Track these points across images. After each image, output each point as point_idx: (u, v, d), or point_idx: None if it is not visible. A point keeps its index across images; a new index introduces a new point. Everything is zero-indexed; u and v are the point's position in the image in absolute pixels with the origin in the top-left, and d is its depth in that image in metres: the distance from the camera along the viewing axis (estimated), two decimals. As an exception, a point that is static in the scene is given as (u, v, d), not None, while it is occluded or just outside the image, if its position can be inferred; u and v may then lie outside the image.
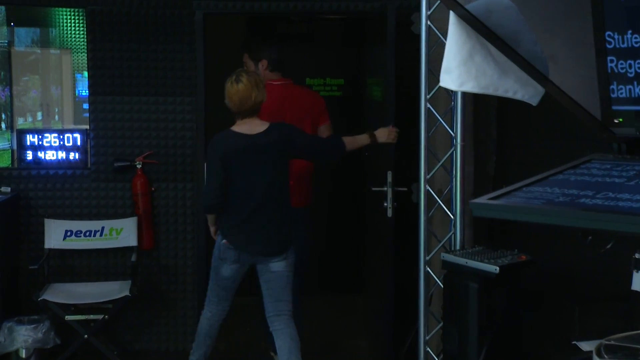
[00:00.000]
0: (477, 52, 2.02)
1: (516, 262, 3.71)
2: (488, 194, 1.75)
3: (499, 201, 1.69)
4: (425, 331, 4.10)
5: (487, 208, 1.67)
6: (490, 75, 2.04)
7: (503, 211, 1.66)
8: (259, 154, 3.84)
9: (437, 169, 4.11)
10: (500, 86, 2.09)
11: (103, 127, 4.76)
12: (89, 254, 4.79)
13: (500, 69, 2.04)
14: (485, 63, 2.02)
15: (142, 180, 4.73)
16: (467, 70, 2.03)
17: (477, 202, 1.71)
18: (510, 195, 1.74)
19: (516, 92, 2.12)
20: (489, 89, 2.09)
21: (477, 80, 2.05)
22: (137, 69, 4.75)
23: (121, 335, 4.84)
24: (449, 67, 2.03)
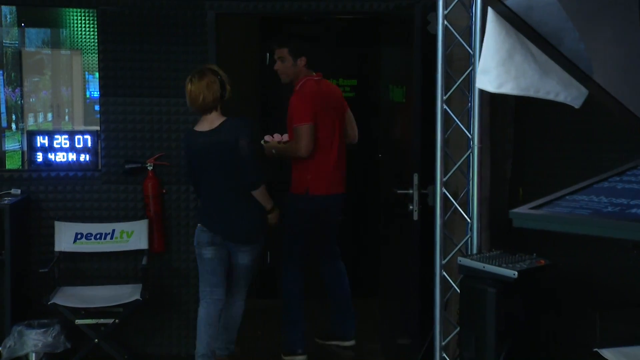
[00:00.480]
0: (516, 52, 1.91)
1: (535, 267, 3.63)
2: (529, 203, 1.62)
3: (542, 211, 1.57)
4: (440, 337, 4.01)
5: (529, 218, 1.55)
6: (531, 76, 1.93)
7: (547, 222, 1.54)
8: (211, 149, 4.16)
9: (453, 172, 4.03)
10: (542, 87, 1.97)
11: (114, 128, 4.71)
12: (99, 257, 4.74)
13: (542, 70, 1.93)
14: (525, 63, 1.91)
15: (153, 182, 4.68)
16: (506, 70, 1.92)
17: (518, 212, 1.59)
18: (553, 205, 1.62)
19: (558, 94, 2.00)
20: (530, 90, 1.98)
21: (516, 81, 1.94)
22: (148, 70, 4.70)
23: (132, 340, 4.79)
24: (487, 68, 1.92)
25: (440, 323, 3.99)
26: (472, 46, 3.93)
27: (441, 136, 3.97)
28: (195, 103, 4.17)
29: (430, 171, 4.07)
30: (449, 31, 3.94)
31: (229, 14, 4.77)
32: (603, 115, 4.19)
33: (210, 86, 4.14)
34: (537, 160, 4.42)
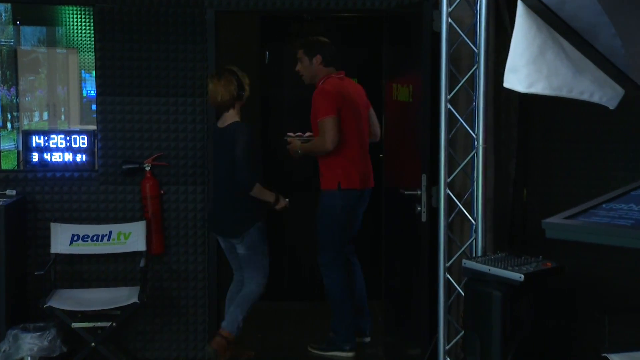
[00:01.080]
0: (548, 48, 1.78)
1: (541, 270, 3.56)
2: (562, 212, 1.50)
3: (577, 221, 1.45)
4: (445, 340, 3.95)
5: (564, 229, 1.43)
6: (564, 75, 1.81)
7: (585, 233, 1.41)
8: (219, 145, 4.56)
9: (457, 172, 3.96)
10: (575, 87, 1.84)
11: (111, 128, 4.64)
12: (96, 259, 4.66)
13: (575, 67, 1.80)
14: (558, 60, 1.78)
15: (152, 183, 4.61)
16: (537, 69, 1.79)
17: (552, 222, 1.47)
18: (589, 214, 1.49)
19: (593, 94, 1.87)
20: (562, 90, 1.85)
21: (548, 80, 1.81)
22: (146, 68, 4.62)
23: (130, 343, 4.71)
24: (516, 66, 1.79)
25: (444, 326, 3.93)
26: (477, 44, 3.86)
27: (445, 136, 3.90)
28: (213, 101, 4.51)
29: (434, 172, 4.01)
30: (453, 29, 3.87)
31: (228, 12, 4.69)
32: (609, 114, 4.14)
33: (227, 86, 4.44)
34: (541, 160, 4.35)
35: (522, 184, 4.38)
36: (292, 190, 5.07)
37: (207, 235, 4.68)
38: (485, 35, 3.83)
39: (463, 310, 3.81)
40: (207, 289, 4.70)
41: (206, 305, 4.71)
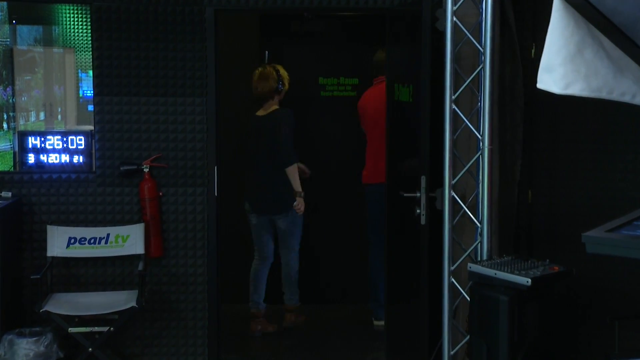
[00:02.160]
0: (587, 46, 1.66)
1: (549, 274, 3.49)
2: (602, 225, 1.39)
3: (621, 235, 1.33)
4: (449, 346, 3.88)
5: (607, 244, 1.31)
6: (604, 75, 1.68)
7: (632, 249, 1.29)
8: (258, 131, 5.23)
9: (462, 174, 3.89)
10: (616, 88, 1.71)
11: (109, 129, 4.56)
12: (93, 263, 4.58)
13: (615, 67, 1.68)
14: (597, 59, 1.66)
15: (150, 184, 4.53)
16: (575, 68, 1.67)
17: (593, 235, 1.34)
18: (632, 227, 1.37)
19: (635, 95, 1.74)
20: (602, 91, 1.72)
21: (587, 80, 1.68)
22: (145, 68, 4.54)
23: (128, 349, 4.63)
24: (551, 65, 1.67)
25: (448, 331, 3.85)
26: (482, 44, 3.79)
27: (450, 137, 3.83)
28: (255, 91, 5.23)
29: (437, 173, 3.93)
30: (458, 28, 3.80)
31: (228, 11, 4.62)
32: (615, 115, 4.07)
33: (268, 78, 5.18)
34: (547, 162, 4.28)
35: (527, 185, 4.31)
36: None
37: (206, 238, 4.60)
38: (491, 34, 3.76)
39: (468, 314, 3.73)
40: (207, 292, 4.62)
41: (206, 309, 4.63)
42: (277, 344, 5.23)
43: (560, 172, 4.25)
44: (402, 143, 4.61)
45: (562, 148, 4.24)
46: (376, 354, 4.98)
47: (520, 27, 4.17)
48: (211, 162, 4.58)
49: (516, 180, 4.27)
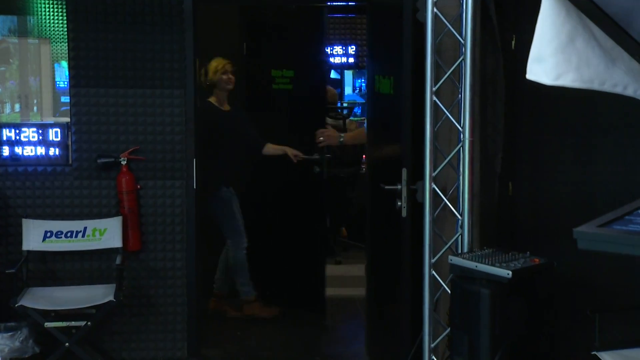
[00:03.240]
0: (579, 36, 1.60)
1: (530, 266, 3.48)
2: (594, 220, 1.33)
3: (613, 230, 1.28)
4: (430, 338, 3.86)
5: (600, 240, 1.26)
6: (596, 65, 1.62)
7: (626, 245, 1.25)
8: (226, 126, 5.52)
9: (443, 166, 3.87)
10: (607, 79, 1.65)
11: (85, 121, 4.49)
12: (70, 256, 4.52)
13: (607, 57, 1.62)
14: (589, 49, 1.60)
15: (128, 177, 4.47)
16: (566, 58, 1.61)
17: (585, 231, 1.29)
18: (625, 221, 1.32)
19: (627, 87, 1.68)
20: (594, 82, 1.66)
21: (578, 71, 1.62)
22: (122, 59, 4.47)
23: (106, 343, 4.58)
24: (542, 55, 1.60)
25: (429, 324, 3.84)
26: (463, 35, 3.77)
27: (430, 129, 3.81)
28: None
29: (418, 166, 3.91)
30: (439, 19, 3.78)
31: (206, 1, 4.56)
32: (596, 107, 4.06)
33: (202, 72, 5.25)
34: (528, 154, 4.27)
35: (508, 177, 4.29)
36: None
37: (185, 231, 4.55)
38: (472, 26, 3.74)
39: (449, 307, 3.72)
40: (186, 286, 4.57)
41: (185, 303, 4.58)
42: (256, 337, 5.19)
43: (541, 164, 4.24)
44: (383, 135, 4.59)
45: (543, 140, 4.23)
46: (357, 348, 4.96)
47: (501, 18, 4.15)
48: (190, 154, 4.52)
49: (497, 172, 4.25)
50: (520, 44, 4.18)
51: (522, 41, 4.17)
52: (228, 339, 5.14)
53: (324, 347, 5.06)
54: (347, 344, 5.08)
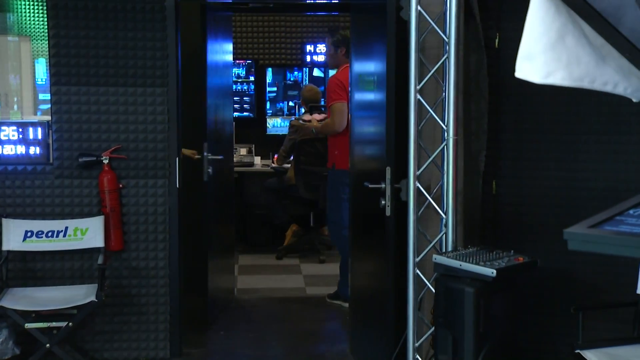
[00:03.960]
0: (568, 33, 1.55)
1: (514, 265, 3.48)
2: (584, 221, 1.30)
3: (604, 230, 1.25)
4: (414, 337, 3.85)
5: (590, 240, 1.22)
6: (586, 63, 1.58)
7: (617, 245, 1.21)
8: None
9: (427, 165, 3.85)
10: (598, 77, 1.60)
11: (67, 119, 4.44)
12: (51, 256, 4.47)
13: (597, 55, 1.58)
14: (579, 47, 1.56)
15: (110, 176, 4.42)
16: (555, 56, 1.56)
17: (574, 232, 1.25)
18: (615, 222, 1.29)
19: (617, 85, 1.64)
20: (584, 81, 1.61)
21: (568, 69, 1.57)
22: (103, 57, 4.43)
23: (87, 344, 4.53)
24: (531, 53, 1.55)
25: (414, 323, 3.83)
26: (447, 33, 3.76)
27: (414, 128, 3.80)
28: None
29: (401, 164, 3.90)
30: (423, 17, 3.76)
31: None
32: (578, 105, 4.07)
33: None
34: (512, 152, 4.27)
35: (492, 176, 4.29)
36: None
37: (168, 230, 4.51)
38: (455, 24, 3.73)
39: (433, 306, 3.71)
40: (169, 286, 4.54)
41: (168, 303, 4.55)
42: (239, 337, 5.16)
43: (524, 162, 4.24)
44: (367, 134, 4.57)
45: (527, 138, 4.23)
46: (341, 347, 4.94)
47: (485, 16, 4.14)
48: (172, 153, 4.48)
49: (481, 170, 4.25)
50: (504, 42, 4.18)
51: (505, 39, 4.17)
52: (211, 339, 5.10)
53: (308, 347, 5.03)
54: (330, 343, 5.06)
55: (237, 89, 8.03)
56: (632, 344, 3.50)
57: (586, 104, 4.05)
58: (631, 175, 3.93)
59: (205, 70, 5.15)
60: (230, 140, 6.00)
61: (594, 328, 3.74)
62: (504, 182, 4.29)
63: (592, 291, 3.93)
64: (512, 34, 4.15)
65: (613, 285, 3.90)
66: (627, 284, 3.77)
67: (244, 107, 8.19)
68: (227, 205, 5.89)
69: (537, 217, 4.18)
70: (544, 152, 4.19)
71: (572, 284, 4.01)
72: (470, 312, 3.35)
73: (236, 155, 7.32)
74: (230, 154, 6.07)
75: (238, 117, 7.76)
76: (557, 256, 4.05)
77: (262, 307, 5.82)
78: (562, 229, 4.05)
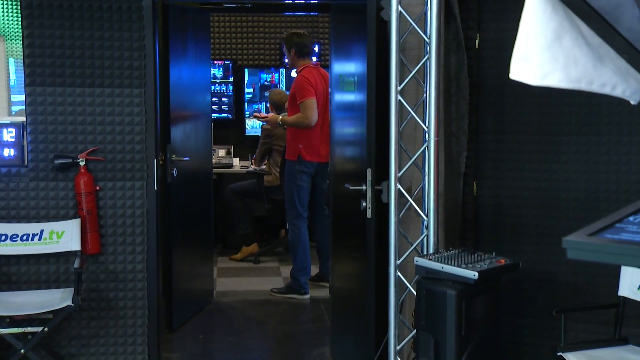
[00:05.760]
0: (565, 33, 1.49)
1: (495, 267, 3.46)
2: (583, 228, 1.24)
3: (604, 239, 1.19)
4: (395, 340, 3.82)
5: (591, 249, 1.16)
6: (584, 64, 1.52)
7: (618, 254, 1.15)
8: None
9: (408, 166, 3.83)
10: (596, 79, 1.54)
11: (42, 120, 4.35)
12: (26, 260, 4.38)
13: (595, 56, 1.52)
14: (576, 47, 1.50)
15: (86, 178, 4.34)
16: (552, 57, 1.50)
17: (575, 240, 1.18)
18: (616, 229, 1.23)
19: (615, 87, 1.57)
20: (581, 82, 1.55)
21: (565, 70, 1.51)
22: (80, 57, 4.35)
23: (64, 349, 4.44)
24: (527, 54, 1.49)
25: (395, 326, 3.80)
26: (428, 34, 3.73)
27: (395, 129, 3.77)
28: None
29: (382, 166, 3.87)
30: (403, 18, 3.74)
31: None
32: (559, 106, 4.06)
33: None
34: (493, 153, 4.25)
35: (473, 177, 4.27)
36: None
37: (146, 233, 4.44)
38: (436, 24, 3.71)
39: (414, 309, 3.68)
40: (147, 290, 4.46)
41: (146, 307, 4.47)
42: (218, 340, 5.11)
43: (505, 163, 4.23)
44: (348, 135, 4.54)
45: (508, 139, 4.22)
46: (321, 350, 4.90)
47: (465, 17, 4.13)
48: (150, 155, 4.41)
49: (462, 172, 4.23)
50: (484, 43, 4.17)
51: (486, 39, 4.16)
52: (189, 343, 5.04)
53: (287, 350, 4.99)
54: (310, 346, 5.01)
55: (216, 90, 7.96)
56: (614, 345, 3.50)
57: (567, 105, 4.05)
58: (611, 176, 3.93)
59: (168, 71, 5.09)
60: (207, 141, 5.95)
61: (574, 329, 3.74)
62: (484, 184, 4.28)
63: (573, 293, 3.93)
64: (492, 34, 4.14)
65: (594, 286, 3.90)
66: (608, 285, 3.77)
67: (222, 108, 8.12)
68: (204, 207, 5.83)
69: (518, 218, 4.17)
70: (525, 153, 4.18)
71: (553, 285, 4.00)
72: (452, 314, 3.33)
73: (215, 156, 7.25)
74: (208, 155, 6.01)
75: (216, 118, 7.69)
76: (538, 257, 4.04)
77: (241, 309, 5.76)
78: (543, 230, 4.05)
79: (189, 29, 5.41)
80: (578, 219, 3.93)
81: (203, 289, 5.81)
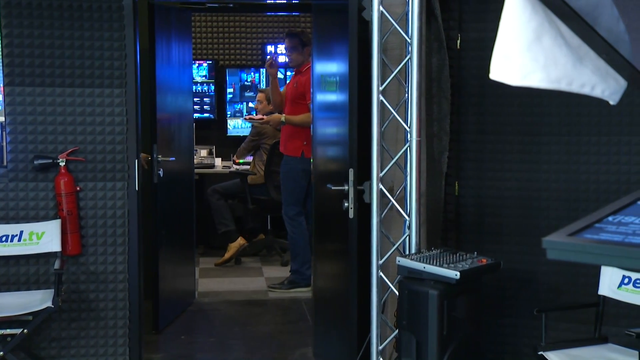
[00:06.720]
0: (545, 33, 1.50)
1: (477, 267, 3.47)
2: (563, 228, 1.24)
3: (584, 239, 1.19)
4: (377, 340, 3.82)
5: (570, 249, 1.17)
6: (563, 64, 1.52)
7: (598, 255, 1.15)
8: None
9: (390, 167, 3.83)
10: (575, 79, 1.55)
11: (21, 120, 4.31)
12: (5, 261, 4.34)
13: (575, 56, 1.53)
14: (556, 47, 1.50)
15: (67, 179, 4.31)
16: (533, 57, 1.50)
17: (554, 240, 1.19)
18: (596, 229, 1.22)
19: (594, 87, 1.58)
20: (561, 82, 1.55)
21: (546, 70, 1.52)
22: (60, 57, 4.31)
23: (43, 351, 4.40)
24: (507, 54, 1.49)
25: (377, 326, 3.80)
26: (409, 34, 3.74)
27: (377, 129, 3.77)
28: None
29: (364, 166, 3.87)
30: (385, 18, 3.74)
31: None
32: (540, 106, 4.09)
33: None
34: (474, 153, 4.27)
35: (455, 177, 4.29)
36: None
37: (127, 234, 4.41)
38: (418, 24, 3.72)
39: (397, 309, 3.69)
40: (128, 291, 4.43)
41: (127, 308, 4.44)
42: (201, 341, 5.09)
43: (487, 163, 4.25)
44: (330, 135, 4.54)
45: (489, 139, 4.24)
46: (303, 350, 4.90)
47: (447, 17, 4.14)
48: (132, 155, 4.39)
49: (443, 172, 4.25)
50: (466, 43, 4.18)
51: (467, 40, 4.17)
52: (171, 343, 5.02)
53: (270, 351, 4.98)
54: (293, 347, 5.00)
55: (197, 90, 7.93)
56: (594, 344, 3.52)
57: (548, 105, 4.07)
58: (592, 177, 3.95)
59: (154, 70, 5.07)
60: (189, 142, 5.92)
61: (555, 328, 3.76)
62: (466, 184, 4.29)
63: (553, 292, 3.95)
64: (474, 34, 4.15)
65: (574, 285, 3.93)
66: (588, 284, 3.79)
67: (204, 108, 8.09)
68: (186, 207, 5.80)
69: (499, 218, 4.19)
70: (506, 153, 4.20)
71: (534, 285, 4.02)
72: (434, 314, 3.34)
73: (197, 156, 7.22)
74: (190, 156, 5.99)
75: (198, 119, 7.66)
76: (519, 257, 4.06)
77: (223, 310, 5.75)
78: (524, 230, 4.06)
79: (172, 29, 5.39)
80: (558, 218, 3.95)
81: (186, 289, 5.79)
